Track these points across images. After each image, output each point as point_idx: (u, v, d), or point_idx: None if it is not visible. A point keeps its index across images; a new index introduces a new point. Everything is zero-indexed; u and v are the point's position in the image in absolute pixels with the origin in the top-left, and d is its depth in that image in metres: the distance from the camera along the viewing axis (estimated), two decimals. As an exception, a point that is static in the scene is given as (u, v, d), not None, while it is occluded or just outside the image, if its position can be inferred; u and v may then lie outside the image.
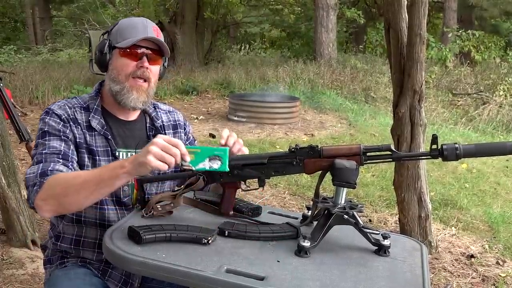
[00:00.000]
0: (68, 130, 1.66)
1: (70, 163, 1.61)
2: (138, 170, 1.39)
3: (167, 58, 1.81)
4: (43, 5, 21.04)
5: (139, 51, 1.68)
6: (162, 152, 1.36)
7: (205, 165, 1.41)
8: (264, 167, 1.51)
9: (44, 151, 1.59)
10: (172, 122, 1.89)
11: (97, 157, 1.68)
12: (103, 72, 1.77)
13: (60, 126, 1.65)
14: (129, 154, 1.74)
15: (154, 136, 1.75)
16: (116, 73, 1.70)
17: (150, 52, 1.69)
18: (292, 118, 8.23)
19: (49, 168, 1.53)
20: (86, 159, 1.67)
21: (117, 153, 1.72)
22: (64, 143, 1.63)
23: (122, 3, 15.24)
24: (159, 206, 1.56)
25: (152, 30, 1.69)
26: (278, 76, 11.32)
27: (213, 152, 1.42)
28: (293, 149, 1.48)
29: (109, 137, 1.72)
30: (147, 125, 1.83)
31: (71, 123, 1.68)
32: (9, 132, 3.48)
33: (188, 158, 1.39)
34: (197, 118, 8.24)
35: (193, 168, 1.42)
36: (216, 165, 1.42)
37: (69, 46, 18.32)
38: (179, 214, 1.59)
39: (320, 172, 1.47)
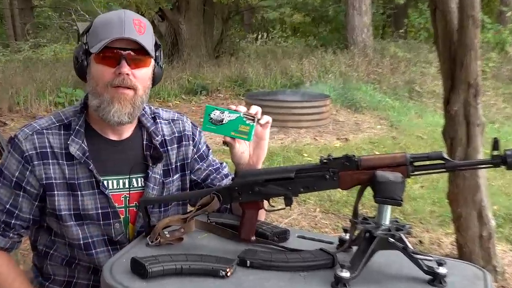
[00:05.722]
0: (27, 173, 1.65)
1: (11, 230, 1.69)
2: None
3: (161, 56, 1.75)
4: (22, -6, 21.36)
5: (116, 54, 1.61)
6: None
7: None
8: (291, 182, 1.51)
9: None
10: (176, 134, 1.85)
11: (79, 193, 1.67)
12: (83, 81, 1.73)
13: (18, 170, 1.66)
14: (120, 182, 1.74)
15: (152, 156, 1.77)
16: (94, 84, 1.65)
17: (130, 53, 1.61)
18: (322, 120, 8.23)
19: None
20: (62, 200, 1.67)
21: (104, 183, 1.70)
22: (15, 195, 1.67)
23: (116, -12, 15.41)
24: (166, 232, 1.57)
25: (133, 25, 1.60)
26: (304, 69, 11.33)
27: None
28: (325, 160, 1.48)
29: (91, 166, 1.68)
30: (144, 142, 1.79)
31: (35, 162, 1.65)
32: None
33: None
34: (207, 123, 8.29)
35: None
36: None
37: (54, 41, 18.55)
38: (191, 241, 1.60)
39: (358, 187, 1.47)
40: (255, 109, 1.65)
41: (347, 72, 11.25)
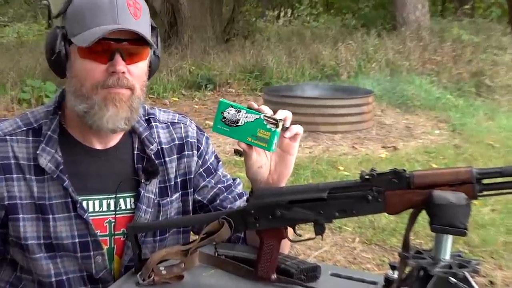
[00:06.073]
0: None
1: None
2: None
3: (158, 41, 1.74)
4: (-23, -40, 21.59)
5: (108, 46, 1.58)
6: None
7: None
8: (322, 204, 1.51)
9: None
10: (177, 142, 1.86)
11: (50, 216, 1.68)
12: (61, 78, 1.72)
13: None
14: (104, 203, 1.74)
15: (145, 170, 1.77)
16: (77, 83, 1.63)
17: (126, 44, 1.60)
18: (363, 123, 8.23)
19: None
20: (28, 226, 1.67)
21: (83, 204, 1.70)
22: None
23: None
24: (162, 268, 1.58)
25: (127, 8, 1.59)
26: (339, 57, 11.33)
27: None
28: (367, 176, 1.48)
29: (66, 183, 1.68)
30: (135, 152, 1.80)
31: None
32: None
33: None
34: (214, 126, 8.30)
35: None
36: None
37: (18, 20, 18.72)
38: (193, 279, 1.60)
39: (410, 210, 1.47)
40: (283, 115, 1.62)
41: (396, 60, 11.23)
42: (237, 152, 6.97)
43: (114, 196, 1.75)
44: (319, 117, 8.00)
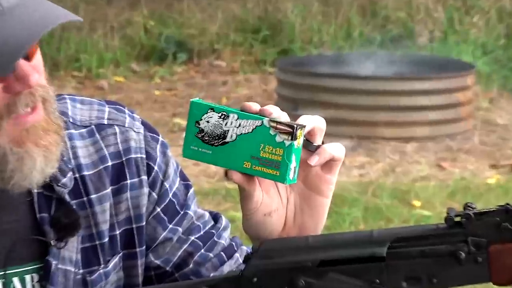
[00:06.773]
0: None
1: None
2: None
3: None
4: None
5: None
6: None
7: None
8: (380, 267, 1.51)
9: None
10: (109, 162, 1.81)
11: None
12: None
13: None
14: None
15: (55, 223, 1.70)
16: None
17: None
18: (457, 122, 8.22)
19: None
20: None
21: None
22: None
23: None
24: None
25: None
26: (413, 4, 11.39)
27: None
28: (458, 218, 1.49)
29: None
30: (34, 191, 1.71)
31: None
32: None
33: None
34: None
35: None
36: None
37: None
38: None
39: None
40: (309, 122, 1.56)
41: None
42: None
43: (3, 273, 1.71)
44: (379, 112, 8.05)
